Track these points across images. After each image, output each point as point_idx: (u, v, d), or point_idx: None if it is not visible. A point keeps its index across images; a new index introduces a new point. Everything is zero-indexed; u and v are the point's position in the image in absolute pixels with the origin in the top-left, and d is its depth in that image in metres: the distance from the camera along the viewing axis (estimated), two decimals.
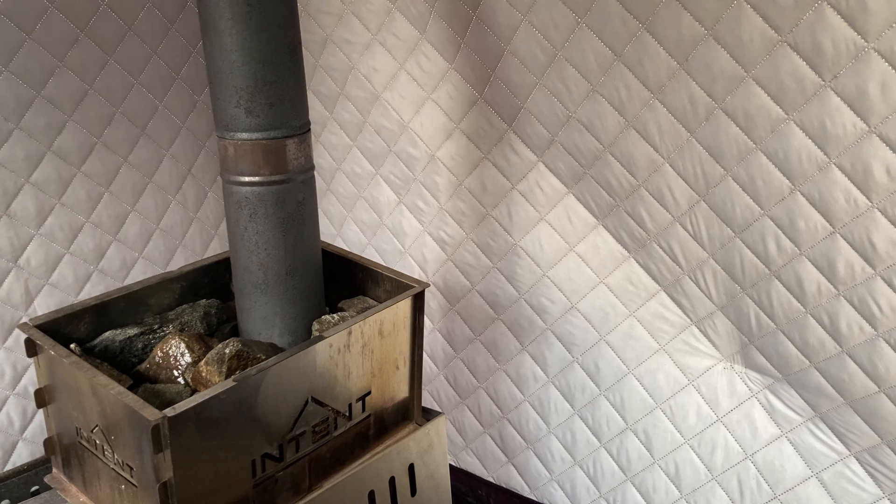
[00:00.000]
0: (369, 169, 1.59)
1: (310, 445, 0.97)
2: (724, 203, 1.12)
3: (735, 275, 1.16)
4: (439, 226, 1.53)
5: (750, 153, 1.05)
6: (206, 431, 0.84)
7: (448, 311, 1.60)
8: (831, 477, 1.21)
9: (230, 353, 0.91)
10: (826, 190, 1.00)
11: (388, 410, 1.09)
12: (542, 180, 1.36)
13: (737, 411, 1.28)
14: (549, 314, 1.44)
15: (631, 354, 1.36)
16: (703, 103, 1.07)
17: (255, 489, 0.92)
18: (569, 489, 1.53)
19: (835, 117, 0.95)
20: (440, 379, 1.68)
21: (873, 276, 1.01)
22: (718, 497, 1.33)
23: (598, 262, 1.35)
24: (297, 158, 0.99)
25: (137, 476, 0.86)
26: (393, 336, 1.05)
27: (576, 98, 1.21)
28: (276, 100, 0.95)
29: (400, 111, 1.48)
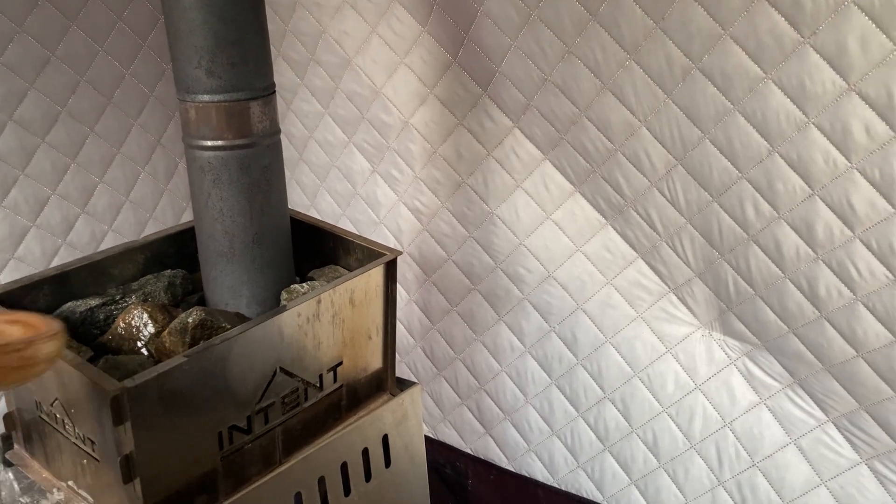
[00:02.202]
0: (342, 137, 1.56)
1: (279, 417, 0.95)
2: (701, 167, 1.10)
3: (713, 240, 1.14)
4: (414, 195, 1.50)
5: (728, 114, 1.03)
6: (170, 403, 0.82)
7: (424, 282, 1.57)
8: (809, 443, 1.20)
9: (193, 323, 0.88)
10: (805, 151, 0.98)
11: (361, 381, 1.06)
12: (518, 146, 1.33)
13: (715, 379, 1.26)
14: (526, 283, 1.42)
15: (608, 323, 1.35)
16: (679, 63, 1.04)
17: (223, 461, 0.90)
18: (547, 460, 1.52)
19: (814, 75, 0.93)
20: (417, 351, 1.66)
21: (852, 238, 1.00)
22: (697, 465, 1.32)
23: (574, 229, 1.33)
24: (261, 122, 0.95)
25: (99, 450, 0.83)
26: (365, 305, 1.02)
27: (551, 60, 1.19)
28: (239, 60, 0.91)
29: (372, 76, 1.44)
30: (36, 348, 0.71)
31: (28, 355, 0.70)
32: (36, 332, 0.72)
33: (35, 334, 0.72)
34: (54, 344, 0.72)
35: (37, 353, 0.71)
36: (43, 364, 0.72)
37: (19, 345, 0.70)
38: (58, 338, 0.73)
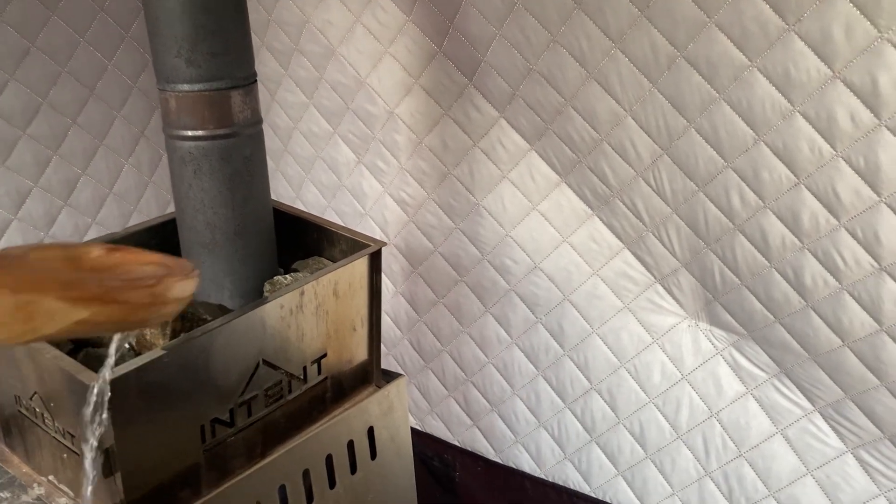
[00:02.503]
0: (327, 128, 1.54)
1: (262, 409, 0.94)
2: (687, 156, 1.09)
3: (699, 230, 1.14)
4: (400, 186, 1.49)
5: (713, 103, 1.03)
6: (150, 395, 0.81)
7: (410, 273, 1.57)
8: (796, 433, 1.20)
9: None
10: (790, 139, 0.98)
11: (346, 373, 1.06)
12: (504, 137, 1.32)
13: (702, 369, 1.26)
14: (513, 275, 1.42)
15: (595, 314, 1.34)
16: (664, 52, 1.04)
17: (205, 455, 0.89)
18: (534, 451, 1.52)
19: (799, 63, 0.93)
20: (404, 343, 1.65)
21: (837, 227, 0.99)
22: (684, 456, 1.32)
23: (561, 220, 1.32)
24: (242, 111, 0.94)
25: (79, 444, 0.82)
26: (349, 297, 1.02)
27: (536, 49, 1.18)
28: (220, 49, 0.90)
29: (357, 66, 1.43)
30: (166, 286, 0.68)
31: (158, 292, 0.67)
32: (169, 271, 0.70)
33: (167, 272, 0.70)
34: (187, 284, 0.70)
35: (167, 292, 0.68)
36: (172, 304, 0.69)
37: (151, 280, 0.67)
38: (192, 279, 0.70)
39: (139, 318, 0.67)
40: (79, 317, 0.61)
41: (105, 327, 0.68)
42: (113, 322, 0.65)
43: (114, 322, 0.65)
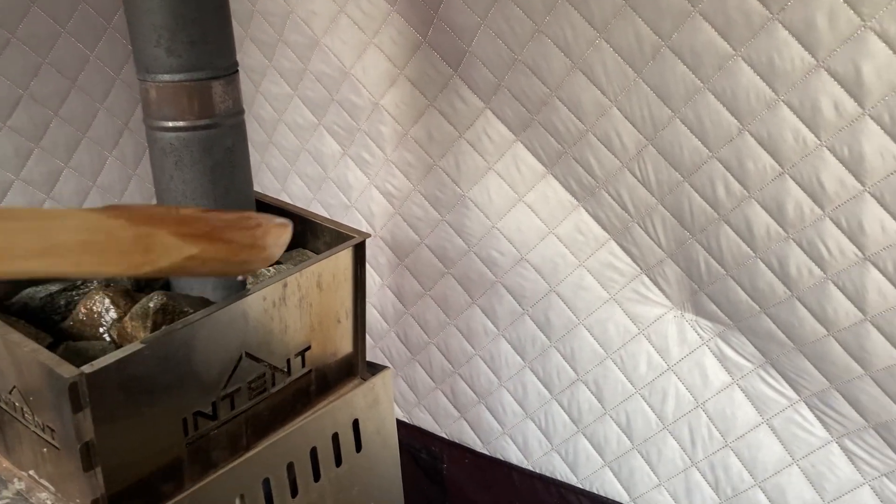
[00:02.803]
0: (312, 119, 1.53)
1: (246, 402, 0.93)
2: (672, 146, 1.09)
3: (684, 220, 1.14)
4: (385, 178, 1.49)
5: (697, 92, 1.02)
6: (131, 389, 0.80)
7: (397, 266, 1.56)
8: (781, 423, 1.21)
9: (154, 308, 0.86)
10: (775, 129, 0.98)
11: (331, 365, 1.05)
12: (490, 128, 1.31)
13: (687, 360, 1.26)
14: (499, 266, 1.41)
15: (581, 305, 1.34)
16: (649, 41, 1.03)
17: (188, 448, 0.88)
18: (521, 442, 1.52)
19: (783, 52, 0.92)
20: (391, 335, 1.64)
21: (822, 217, 0.99)
22: (670, 446, 1.33)
23: (547, 212, 1.32)
24: (224, 102, 0.93)
25: (59, 438, 0.81)
26: (333, 289, 1.01)
27: (521, 39, 1.17)
28: (199, 38, 0.89)
29: (341, 57, 1.42)
30: (265, 230, 0.73)
31: (258, 235, 0.72)
32: (265, 220, 0.74)
33: (265, 220, 0.74)
34: (283, 231, 0.74)
35: (266, 236, 0.73)
36: (270, 249, 0.73)
37: (251, 221, 0.73)
38: (286, 227, 0.75)
39: (241, 260, 0.72)
40: (190, 252, 0.66)
41: (211, 266, 0.71)
42: (218, 261, 0.70)
43: (219, 261, 0.70)
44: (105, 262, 0.63)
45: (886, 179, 0.92)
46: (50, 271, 0.62)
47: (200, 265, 0.69)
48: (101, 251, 0.63)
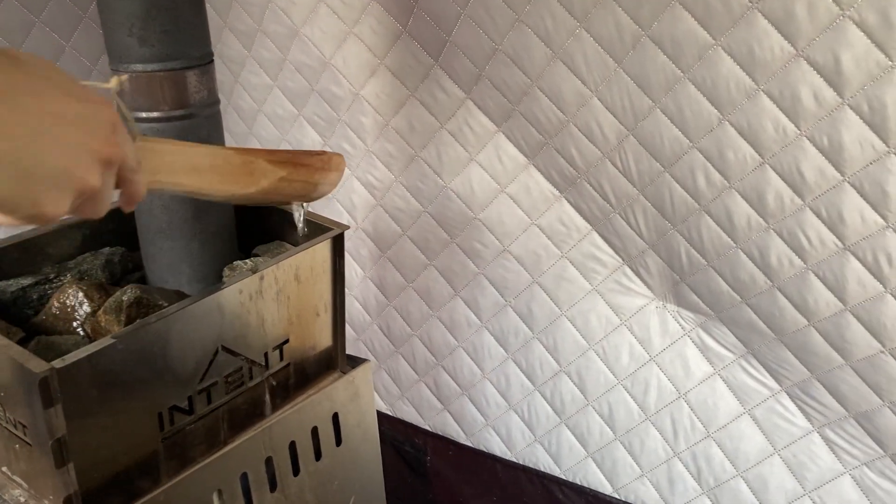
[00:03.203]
0: (292, 110, 1.52)
1: (223, 396, 0.92)
2: (652, 136, 1.08)
3: (665, 211, 1.13)
4: (367, 169, 1.47)
5: (678, 82, 1.02)
6: (104, 384, 0.78)
7: (379, 258, 1.55)
8: (763, 413, 1.21)
9: (128, 301, 0.85)
10: (755, 119, 0.97)
11: (310, 359, 1.04)
12: (471, 118, 1.31)
13: (669, 350, 1.26)
14: (482, 258, 1.41)
15: (563, 296, 1.34)
16: (629, 31, 1.03)
17: (164, 443, 0.87)
18: (504, 434, 1.51)
19: (762, 41, 0.92)
20: (374, 328, 1.64)
21: (802, 207, 0.99)
22: (652, 437, 1.33)
23: (529, 203, 1.31)
24: (199, 92, 0.92)
25: (31, 434, 0.80)
26: (311, 281, 1.00)
27: (501, 29, 1.16)
28: (173, 27, 0.87)
29: (321, 47, 1.40)
30: (330, 155, 0.89)
31: (326, 159, 0.88)
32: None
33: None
34: (343, 160, 0.91)
35: (331, 160, 0.89)
36: (335, 172, 0.90)
37: (317, 151, 0.88)
38: (343, 158, 0.91)
39: (316, 181, 0.87)
40: (281, 174, 0.82)
41: (296, 187, 0.86)
42: (301, 182, 0.85)
43: (301, 182, 0.85)
44: (225, 181, 0.77)
45: (866, 169, 0.92)
46: (189, 186, 0.74)
47: (288, 185, 0.84)
48: (222, 173, 0.77)
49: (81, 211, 0.57)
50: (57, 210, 0.52)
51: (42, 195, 0.50)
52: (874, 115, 0.89)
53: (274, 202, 0.90)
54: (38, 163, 0.50)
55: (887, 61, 0.85)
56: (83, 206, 0.56)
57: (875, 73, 0.87)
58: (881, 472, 1.12)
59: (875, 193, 0.92)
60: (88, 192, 0.54)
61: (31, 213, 0.50)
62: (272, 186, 0.82)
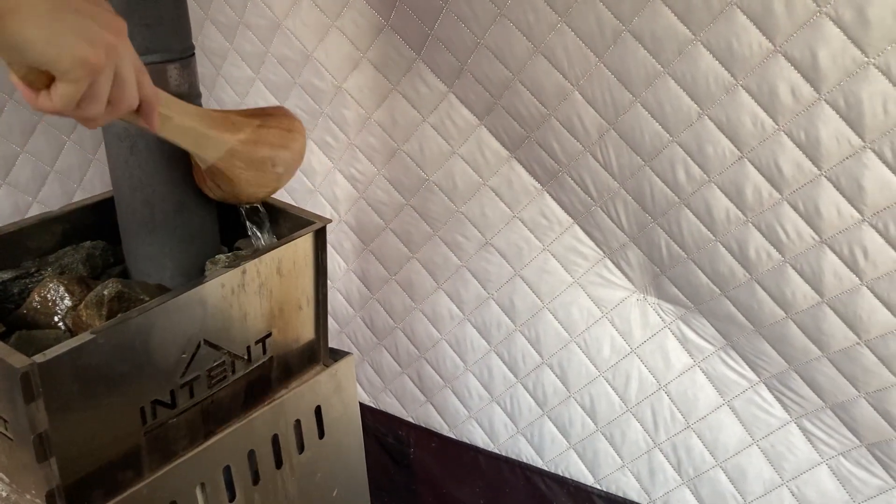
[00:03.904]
0: (274, 103, 1.51)
1: (205, 390, 0.92)
2: (633, 130, 1.09)
3: (645, 204, 1.14)
4: (350, 162, 1.48)
5: (658, 77, 1.03)
6: (86, 378, 0.78)
7: (362, 251, 1.55)
8: (742, 404, 1.22)
9: (109, 295, 0.85)
10: (733, 113, 0.98)
11: (293, 352, 1.04)
12: (454, 112, 1.31)
13: (650, 342, 1.27)
14: (464, 251, 1.41)
15: (545, 289, 1.34)
16: (610, 25, 1.03)
17: (146, 437, 0.87)
18: (487, 426, 1.52)
19: (741, 36, 0.93)
20: (357, 321, 1.64)
21: (780, 200, 1.00)
22: (633, 428, 1.34)
23: (511, 196, 1.32)
24: (180, 85, 0.91)
25: (12, 429, 0.80)
26: (293, 275, 1.00)
27: (483, 23, 1.16)
28: (153, 20, 0.87)
29: (303, 40, 1.40)
30: (293, 121, 0.95)
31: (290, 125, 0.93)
32: None
33: None
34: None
35: (295, 121, 0.95)
36: (298, 151, 0.94)
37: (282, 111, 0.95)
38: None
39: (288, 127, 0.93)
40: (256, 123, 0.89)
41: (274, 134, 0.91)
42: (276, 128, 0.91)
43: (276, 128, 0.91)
44: (218, 127, 0.85)
45: (842, 164, 0.93)
46: (192, 124, 0.83)
47: (268, 132, 0.89)
48: (212, 119, 0.85)
49: (82, 108, 0.63)
50: (78, 55, 0.58)
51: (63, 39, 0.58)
52: (850, 110, 0.90)
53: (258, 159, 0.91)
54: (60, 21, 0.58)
55: (863, 57, 0.87)
56: (85, 99, 0.62)
57: (851, 70, 0.88)
58: (857, 462, 1.14)
59: (851, 188, 0.94)
60: (91, 67, 0.60)
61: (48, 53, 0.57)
62: (255, 134, 0.88)
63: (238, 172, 0.88)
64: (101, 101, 0.64)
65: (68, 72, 0.59)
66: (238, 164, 0.88)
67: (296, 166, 0.96)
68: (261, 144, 0.89)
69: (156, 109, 0.74)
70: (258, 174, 0.91)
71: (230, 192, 0.92)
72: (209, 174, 0.89)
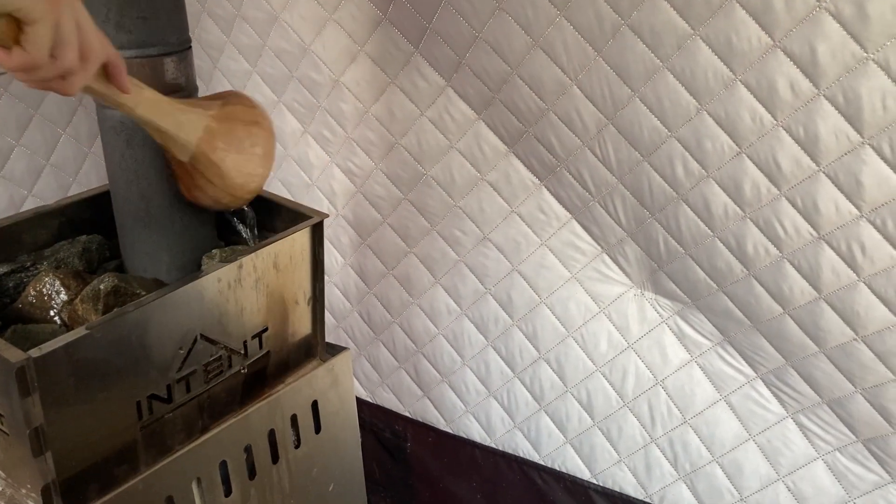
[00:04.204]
0: (271, 97, 1.51)
1: (202, 385, 0.92)
2: (631, 125, 1.09)
3: (644, 199, 1.14)
4: (347, 156, 1.47)
5: (657, 72, 1.02)
6: (81, 373, 0.78)
7: (360, 245, 1.55)
8: (739, 399, 1.22)
9: (106, 290, 0.84)
10: (732, 108, 0.98)
11: (289, 347, 1.04)
12: (452, 106, 1.30)
13: (647, 337, 1.27)
14: (462, 246, 1.41)
15: (543, 284, 1.34)
16: (609, 20, 1.03)
17: (142, 432, 0.87)
18: (484, 420, 1.52)
19: (740, 31, 0.92)
20: (354, 315, 1.64)
21: (778, 196, 1.00)
22: (630, 423, 1.34)
23: (509, 191, 1.32)
24: (177, 79, 0.91)
25: (8, 423, 0.79)
26: (290, 270, 1.00)
27: (482, 16, 1.16)
28: (150, 13, 0.87)
29: (300, 33, 1.40)
30: (251, 99, 0.94)
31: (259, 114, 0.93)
32: None
33: None
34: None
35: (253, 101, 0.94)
36: (268, 128, 0.93)
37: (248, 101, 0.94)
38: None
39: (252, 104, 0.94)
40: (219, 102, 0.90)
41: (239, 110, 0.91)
42: (240, 105, 0.91)
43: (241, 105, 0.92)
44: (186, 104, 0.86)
45: (840, 160, 0.93)
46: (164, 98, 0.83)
47: (233, 109, 0.90)
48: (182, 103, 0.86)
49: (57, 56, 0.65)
50: None
51: None
52: (849, 106, 0.89)
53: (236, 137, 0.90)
54: None
55: (862, 53, 0.86)
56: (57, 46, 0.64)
57: (850, 65, 0.87)
58: (853, 458, 1.14)
59: (849, 184, 0.94)
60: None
61: None
62: (223, 111, 0.89)
63: (222, 156, 0.88)
64: (73, 45, 0.65)
65: (30, 9, 0.60)
66: (220, 144, 0.87)
67: (272, 146, 0.95)
68: (233, 121, 0.89)
69: (123, 69, 0.74)
70: (240, 157, 0.90)
71: (221, 185, 0.90)
72: (195, 169, 0.88)
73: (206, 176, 0.89)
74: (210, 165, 0.88)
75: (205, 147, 0.86)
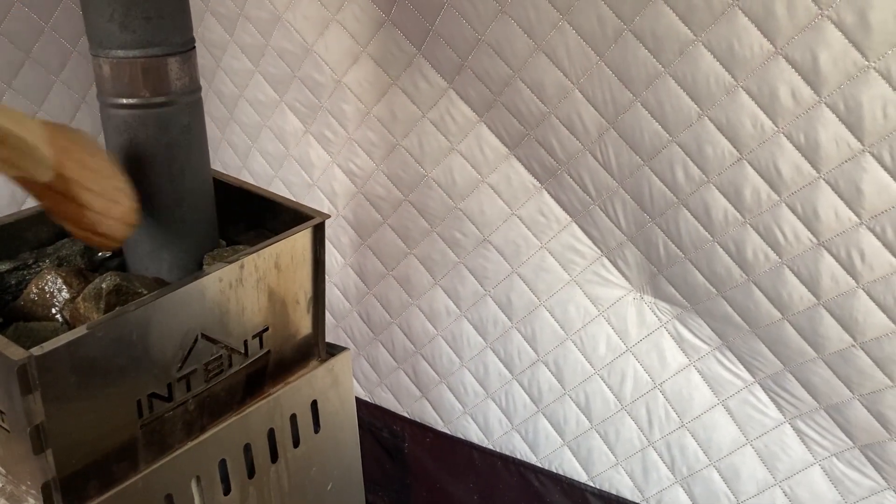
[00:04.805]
0: (273, 96, 1.51)
1: (202, 384, 0.92)
2: (632, 130, 1.09)
3: (644, 204, 1.14)
4: (348, 157, 1.47)
5: (658, 77, 1.03)
6: (83, 371, 0.78)
7: (360, 246, 1.55)
8: (737, 404, 1.23)
9: (108, 289, 0.85)
10: (733, 114, 0.98)
11: (289, 347, 1.04)
12: (453, 108, 1.31)
13: (646, 341, 1.28)
14: (462, 247, 1.41)
15: (542, 286, 1.35)
16: (611, 24, 1.03)
17: (142, 430, 0.87)
18: (482, 422, 1.53)
19: (742, 38, 0.93)
20: (353, 315, 1.64)
21: (778, 202, 1.00)
22: (627, 426, 1.34)
23: (510, 193, 1.32)
24: (180, 79, 0.91)
25: (9, 421, 0.80)
26: (291, 270, 1.00)
27: (484, 19, 1.16)
28: (154, 13, 0.87)
29: (303, 33, 1.40)
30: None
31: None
32: None
33: None
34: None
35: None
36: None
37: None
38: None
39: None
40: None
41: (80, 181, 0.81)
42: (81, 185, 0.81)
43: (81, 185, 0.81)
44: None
45: (841, 167, 0.93)
46: None
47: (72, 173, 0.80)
48: None
49: None
50: None
51: None
52: (850, 113, 0.90)
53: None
54: None
55: (864, 61, 0.87)
56: None
57: (852, 73, 0.88)
58: (850, 464, 1.14)
59: (849, 191, 0.94)
60: None
61: None
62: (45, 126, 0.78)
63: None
64: None
65: None
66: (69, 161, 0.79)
67: None
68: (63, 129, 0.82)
69: None
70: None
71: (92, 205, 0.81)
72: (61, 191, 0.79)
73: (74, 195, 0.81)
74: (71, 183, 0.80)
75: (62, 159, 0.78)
